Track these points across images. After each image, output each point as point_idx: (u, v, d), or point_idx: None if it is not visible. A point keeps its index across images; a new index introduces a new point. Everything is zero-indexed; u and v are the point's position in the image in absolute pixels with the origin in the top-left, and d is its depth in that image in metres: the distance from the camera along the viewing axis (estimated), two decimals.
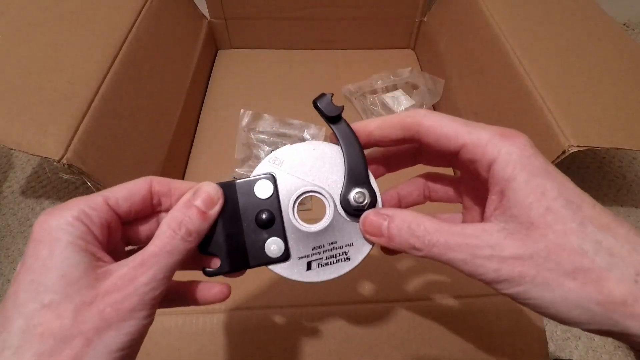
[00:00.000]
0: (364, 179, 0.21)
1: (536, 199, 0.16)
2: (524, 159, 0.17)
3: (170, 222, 0.19)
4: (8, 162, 0.64)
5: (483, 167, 0.18)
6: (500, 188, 0.17)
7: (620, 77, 0.43)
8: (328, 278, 0.21)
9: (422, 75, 0.60)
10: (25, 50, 0.41)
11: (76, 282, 0.17)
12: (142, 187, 0.20)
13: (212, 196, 0.20)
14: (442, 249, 0.18)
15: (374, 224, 0.20)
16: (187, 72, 0.59)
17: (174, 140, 0.51)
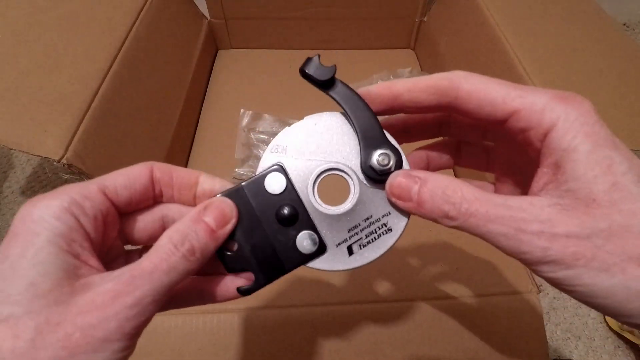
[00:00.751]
0: (382, 139, 0.18)
1: (602, 172, 0.14)
2: (588, 127, 0.15)
3: (173, 235, 0.16)
4: (8, 162, 0.64)
5: (537, 136, 0.15)
6: (555, 159, 0.15)
7: (620, 77, 0.43)
8: (376, 256, 0.19)
9: (422, 75, 0.60)
10: (25, 50, 0.41)
11: (46, 295, 0.14)
12: (143, 174, 0.18)
13: (226, 213, 0.18)
14: (481, 220, 0.15)
15: (403, 186, 0.17)
16: (187, 72, 0.59)
17: (174, 140, 0.51)
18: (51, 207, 0.15)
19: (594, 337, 0.57)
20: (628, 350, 0.56)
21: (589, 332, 0.58)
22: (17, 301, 0.13)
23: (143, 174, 0.18)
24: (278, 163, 0.19)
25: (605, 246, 0.14)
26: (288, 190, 0.19)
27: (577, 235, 0.14)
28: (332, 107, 0.20)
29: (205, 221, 0.17)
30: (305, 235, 0.19)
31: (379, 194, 0.19)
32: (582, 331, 0.58)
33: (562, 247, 0.14)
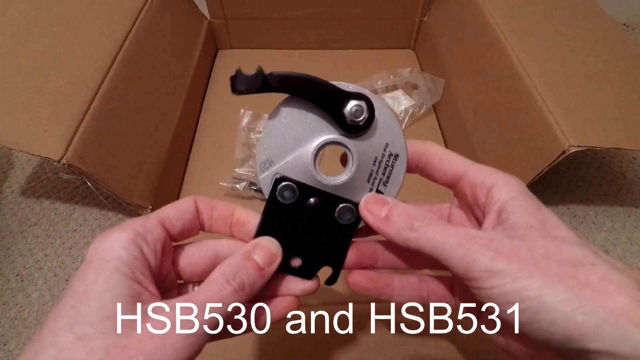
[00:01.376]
0: (342, 94, 0.20)
1: (534, 210, 0.17)
2: (521, 188, 0.18)
3: (225, 271, 0.18)
4: (8, 162, 0.64)
5: (482, 192, 0.19)
6: (498, 207, 0.18)
7: (620, 77, 0.43)
8: (402, 178, 0.21)
9: (422, 75, 0.60)
10: (25, 50, 0.41)
11: (115, 317, 0.15)
12: (190, 206, 0.20)
13: (273, 253, 0.19)
14: (439, 231, 0.17)
15: (377, 203, 0.20)
16: (187, 72, 0.59)
17: (174, 140, 0.51)
18: (119, 239, 0.17)
19: None
20: None
21: None
22: (90, 322, 0.15)
23: (190, 206, 0.20)
24: (275, 176, 0.20)
25: (545, 259, 0.15)
26: (301, 190, 0.20)
27: (520, 249, 0.16)
28: None
29: (255, 259, 0.19)
30: (341, 211, 0.20)
31: (371, 137, 0.20)
32: None
33: (507, 259, 0.16)
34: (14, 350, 0.48)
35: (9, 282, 0.52)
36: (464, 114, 0.54)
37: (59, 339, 0.15)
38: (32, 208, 0.59)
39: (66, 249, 0.56)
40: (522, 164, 0.42)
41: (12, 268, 0.53)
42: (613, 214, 0.54)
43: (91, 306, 0.15)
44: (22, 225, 0.57)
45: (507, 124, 0.46)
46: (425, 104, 0.59)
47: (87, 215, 0.60)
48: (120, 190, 0.39)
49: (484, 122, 0.50)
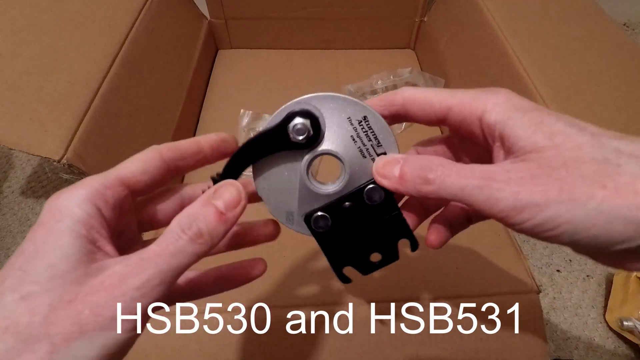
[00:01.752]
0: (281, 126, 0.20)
1: (537, 127, 0.16)
2: (513, 102, 0.17)
3: (181, 220, 0.17)
4: (8, 162, 0.64)
5: (474, 123, 0.18)
6: (498, 133, 0.17)
7: (620, 77, 0.43)
8: (391, 134, 0.21)
9: (422, 75, 0.60)
10: (25, 50, 0.41)
11: (63, 275, 0.15)
12: (154, 157, 0.19)
13: (234, 197, 0.18)
14: (456, 178, 0.17)
15: (388, 164, 0.19)
16: (187, 72, 0.59)
17: (173, 140, 0.51)
18: (74, 197, 0.16)
19: (594, 337, 0.57)
20: (628, 350, 0.56)
21: (589, 332, 0.58)
22: (36, 281, 0.15)
23: (154, 156, 0.19)
24: (303, 218, 0.21)
25: (568, 179, 0.14)
26: (329, 210, 0.21)
27: (540, 175, 0.15)
28: None
29: (215, 204, 0.17)
30: (369, 195, 0.21)
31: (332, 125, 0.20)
32: (582, 331, 0.58)
33: (531, 189, 0.15)
34: None
35: None
36: None
37: (3, 300, 0.14)
38: (32, 208, 0.59)
39: None
40: None
41: None
42: None
43: (38, 265, 0.15)
44: (22, 225, 0.57)
45: None
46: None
47: None
48: None
49: None
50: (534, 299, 0.37)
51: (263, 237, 0.23)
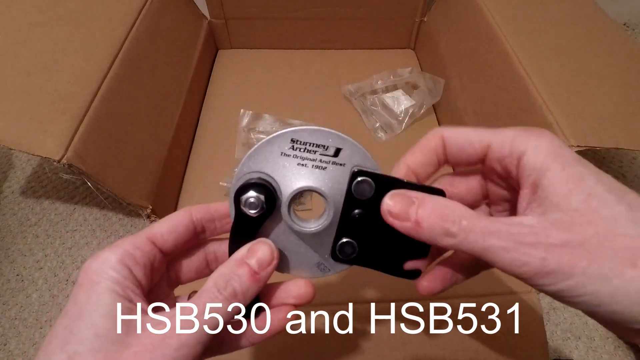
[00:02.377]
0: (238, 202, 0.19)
1: (575, 185, 0.15)
2: (555, 149, 0.16)
3: (217, 280, 0.18)
4: (8, 162, 0.64)
5: (512, 162, 0.17)
6: (533, 180, 0.16)
7: (620, 77, 0.43)
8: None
9: (422, 75, 0.60)
10: (25, 50, 0.41)
11: (106, 334, 0.16)
12: (184, 217, 0.20)
13: (267, 256, 0.19)
14: (480, 235, 0.16)
15: (400, 206, 0.18)
16: (187, 72, 0.59)
17: (174, 140, 0.51)
18: (108, 260, 0.17)
19: (594, 337, 0.57)
20: (628, 350, 0.56)
21: (589, 332, 0.58)
22: (81, 340, 0.15)
23: (184, 217, 0.20)
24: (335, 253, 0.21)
25: (598, 251, 0.14)
26: (353, 235, 0.20)
27: (570, 243, 0.14)
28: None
29: (249, 264, 0.18)
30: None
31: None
32: (582, 331, 0.58)
33: (558, 257, 0.14)
34: (14, 350, 0.48)
35: (9, 282, 0.52)
36: (464, 114, 0.54)
37: (52, 358, 0.15)
38: (32, 208, 0.59)
39: (66, 249, 0.56)
40: None
41: (12, 268, 0.53)
42: None
43: (82, 325, 0.16)
44: (22, 225, 0.57)
45: (507, 124, 0.45)
46: (425, 104, 0.59)
47: (87, 215, 0.60)
48: (120, 190, 0.39)
49: (484, 122, 0.50)
50: (534, 299, 0.37)
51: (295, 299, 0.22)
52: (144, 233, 0.19)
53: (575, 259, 0.14)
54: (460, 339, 0.35)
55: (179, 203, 0.52)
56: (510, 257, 0.15)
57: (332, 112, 0.61)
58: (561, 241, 0.15)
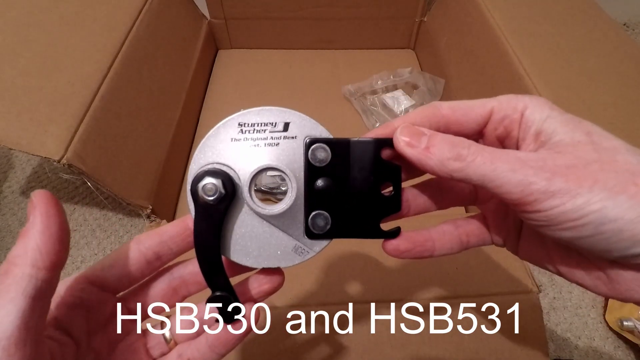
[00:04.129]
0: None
1: (575, 126, 0.16)
2: (552, 104, 0.18)
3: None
4: (8, 162, 0.64)
5: (515, 119, 0.18)
6: (535, 129, 0.17)
7: (620, 77, 0.43)
8: None
9: (422, 75, 0.60)
10: (25, 50, 0.41)
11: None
12: (128, 248, 0.19)
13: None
14: (488, 158, 0.16)
15: (414, 132, 0.18)
16: (187, 72, 0.59)
17: (174, 140, 0.51)
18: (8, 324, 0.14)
19: (594, 337, 0.57)
20: (628, 350, 0.56)
21: (589, 332, 0.58)
22: None
23: (128, 248, 0.19)
24: (309, 229, 0.19)
25: (601, 173, 0.15)
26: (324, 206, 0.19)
27: (575, 166, 0.15)
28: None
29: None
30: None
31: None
32: (582, 331, 0.58)
33: (565, 176, 0.15)
34: None
35: None
36: None
37: None
38: None
39: None
40: None
41: None
42: None
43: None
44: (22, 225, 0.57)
45: None
46: (425, 104, 0.59)
47: (87, 215, 0.60)
48: (120, 190, 0.39)
49: None
50: (534, 299, 0.37)
51: (266, 290, 0.21)
52: (78, 273, 0.18)
53: (581, 178, 0.15)
54: (460, 339, 0.35)
55: (179, 203, 0.52)
56: (517, 178, 0.15)
57: (332, 112, 0.61)
58: (566, 164, 0.15)
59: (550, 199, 0.15)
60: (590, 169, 0.15)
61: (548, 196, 0.15)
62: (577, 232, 0.15)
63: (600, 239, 0.15)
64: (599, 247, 0.15)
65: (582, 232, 0.15)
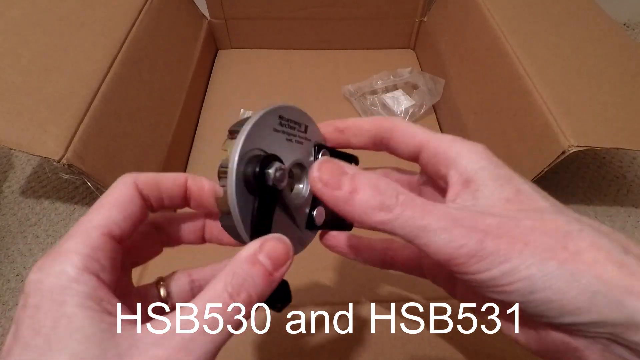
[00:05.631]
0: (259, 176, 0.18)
1: (506, 182, 0.16)
2: (488, 154, 0.17)
3: (229, 282, 0.15)
4: (8, 162, 0.64)
5: (447, 159, 0.17)
6: (466, 177, 0.16)
7: (620, 77, 0.43)
8: None
9: (422, 75, 0.60)
10: (25, 50, 0.41)
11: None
12: (133, 198, 0.17)
13: (282, 255, 0.16)
14: (418, 212, 0.15)
15: (334, 172, 0.16)
16: (187, 72, 0.59)
17: (174, 140, 0.51)
18: (65, 272, 0.14)
19: None
20: None
21: None
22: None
23: (133, 197, 0.17)
24: (310, 220, 0.21)
25: (531, 236, 0.14)
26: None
27: (506, 226, 0.14)
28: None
29: (262, 263, 0.15)
30: None
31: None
32: None
33: (496, 239, 0.14)
34: None
35: (9, 282, 0.52)
36: (464, 114, 0.54)
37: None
38: (32, 208, 0.59)
39: None
40: (522, 164, 0.42)
41: (12, 268, 0.53)
42: (613, 214, 0.54)
43: (58, 358, 0.12)
44: (22, 225, 0.57)
45: (507, 124, 0.46)
46: (425, 104, 0.59)
47: None
48: None
49: (484, 122, 0.50)
50: None
51: None
52: (95, 228, 0.15)
53: (511, 242, 0.14)
54: (460, 339, 0.35)
55: None
56: (447, 238, 0.14)
57: (332, 112, 0.61)
58: (497, 224, 0.14)
59: (480, 262, 0.14)
60: (521, 230, 0.14)
61: (477, 260, 0.14)
62: (506, 297, 0.14)
63: (530, 305, 0.14)
64: (529, 312, 0.14)
65: (511, 297, 0.14)
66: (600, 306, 0.13)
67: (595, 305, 0.13)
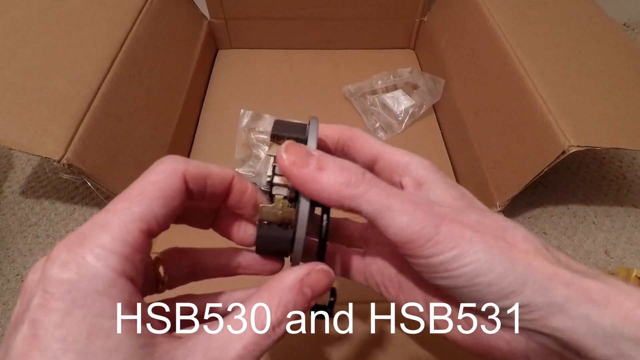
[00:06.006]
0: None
1: (451, 186, 0.18)
2: (436, 168, 0.19)
3: (277, 308, 0.16)
4: (8, 162, 0.64)
5: (397, 169, 0.19)
6: (417, 179, 0.19)
7: (620, 77, 0.43)
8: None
9: (422, 75, 0.60)
10: (25, 50, 0.41)
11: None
12: (179, 186, 0.15)
13: (325, 287, 0.17)
14: (383, 192, 0.15)
15: (300, 152, 0.16)
16: (187, 72, 0.59)
17: (174, 140, 0.51)
18: (102, 277, 0.12)
19: None
20: None
21: None
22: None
23: (179, 191, 0.15)
24: None
25: (478, 226, 0.16)
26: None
27: (458, 216, 0.16)
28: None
29: (306, 294, 0.16)
30: None
31: None
32: None
33: (450, 225, 0.15)
34: None
35: (9, 282, 0.52)
36: (464, 114, 0.54)
37: None
38: (32, 208, 0.59)
39: None
40: (522, 164, 0.42)
41: (12, 268, 0.53)
42: (613, 214, 0.54)
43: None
44: (22, 225, 0.57)
45: (507, 124, 0.46)
46: (425, 104, 0.59)
47: (87, 215, 0.60)
48: (120, 190, 0.39)
49: (484, 122, 0.50)
50: None
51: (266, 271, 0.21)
52: (135, 222, 0.13)
53: (462, 229, 0.15)
54: None
55: None
56: (408, 220, 0.15)
57: (332, 112, 0.61)
58: (451, 214, 0.16)
59: (435, 246, 0.15)
60: (469, 221, 0.16)
61: (433, 244, 0.15)
62: (453, 282, 0.15)
63: (472, 290, 0.15)
64: (470, 299, 0.16)
65: (457, 282, 0.15)
66: (531, 290, 0.14)
67: (527, 288, 0.14)
